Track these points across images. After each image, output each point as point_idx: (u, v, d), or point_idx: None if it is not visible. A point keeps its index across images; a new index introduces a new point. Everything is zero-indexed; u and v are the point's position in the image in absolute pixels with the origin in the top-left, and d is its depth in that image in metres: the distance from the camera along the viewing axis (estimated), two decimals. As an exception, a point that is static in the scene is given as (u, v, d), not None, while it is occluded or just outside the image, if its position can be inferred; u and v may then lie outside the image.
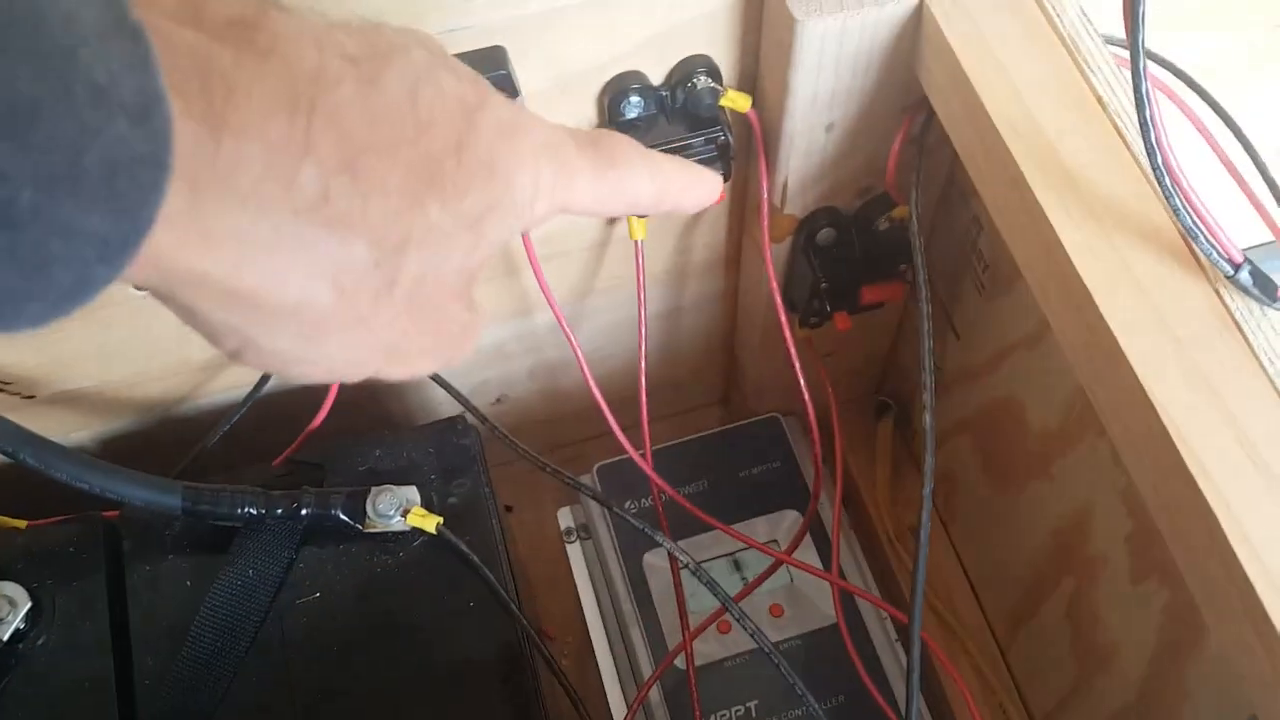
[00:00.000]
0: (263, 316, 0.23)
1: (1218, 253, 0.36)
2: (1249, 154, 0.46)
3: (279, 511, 0.51)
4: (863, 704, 0.63)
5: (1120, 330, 0.37)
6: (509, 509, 0.77)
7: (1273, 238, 0.40)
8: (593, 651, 0.70)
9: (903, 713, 0.63)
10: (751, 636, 0.53)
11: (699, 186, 0.35)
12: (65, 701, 0.49)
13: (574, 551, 0.74)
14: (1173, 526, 0.38)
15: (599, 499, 0.62)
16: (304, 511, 0.51)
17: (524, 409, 0.74)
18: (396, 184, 0.24)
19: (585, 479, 0.73)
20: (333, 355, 0.26)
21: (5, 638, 0.49)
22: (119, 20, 0.18)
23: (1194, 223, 0.35)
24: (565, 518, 0.75)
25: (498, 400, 0.71)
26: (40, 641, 0.50)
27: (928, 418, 0.41)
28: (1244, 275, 0.36)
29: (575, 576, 0.73)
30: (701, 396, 0.81)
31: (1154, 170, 0.35)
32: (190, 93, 0.20)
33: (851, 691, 0.64)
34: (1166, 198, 0.35)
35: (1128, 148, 0.40)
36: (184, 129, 0.20)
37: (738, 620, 0.53)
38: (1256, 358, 0.36)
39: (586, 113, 0.49)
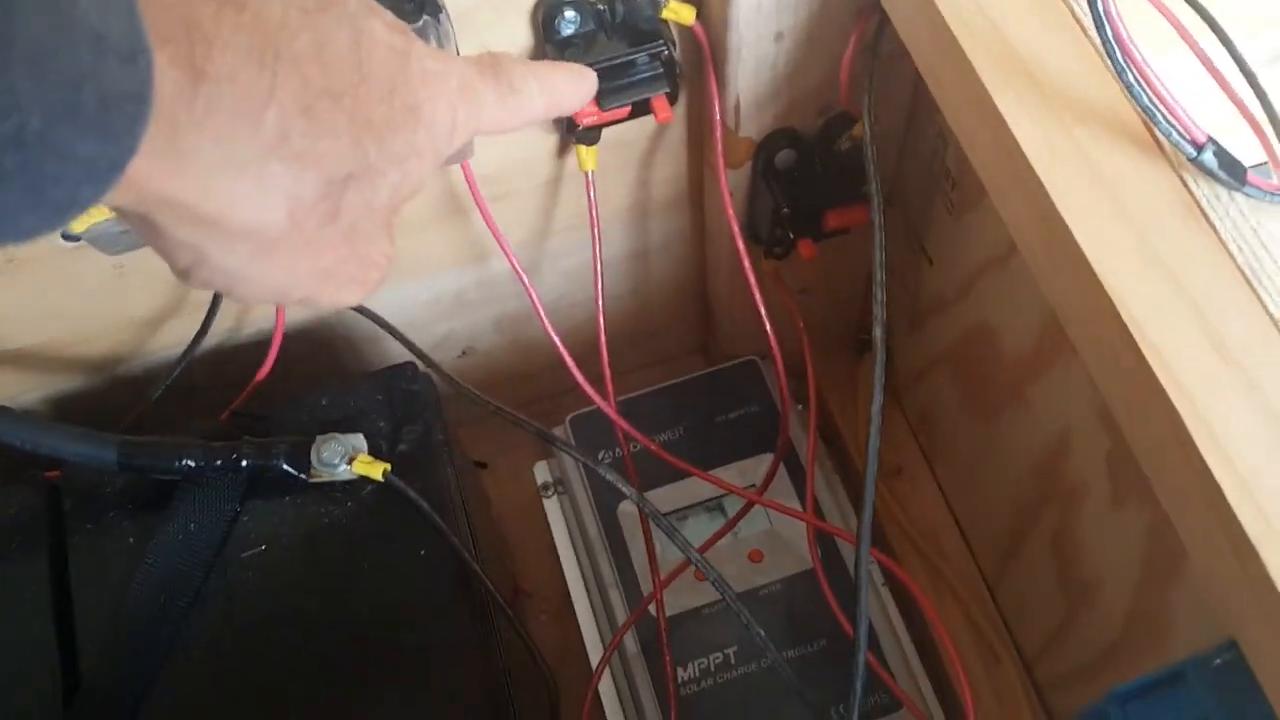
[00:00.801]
0: (220, 237, 0.27)
1: (1178, 132, 0.33)
2: (1236, 63, 0.43)
3: (219, 463, 0.49)
4: (844, 648, 0.61)
5: (1077, 225, 0.35)
6: (483, 465, 0.75)
7: (1266, 158, 0.37)
8: (571, 605, 0.68)
9: (884, 657, 0.61)
10: (713, 584, 0.51)
11: (578, 86, 0.38)
12: (6, 662, 0.47)
13: (551, 506, 0.72)
14: (1140, 435, 0.35)
15: (569, 450, 0.60)
16: (245, 463, 0.49)
17: (492, 363, 0.71)
18: (344, 126, 0.27)
19: (558, 431, 0.71)
20: (275, 275, 0.29)
21: (-58, 601, 0.47)
22: None
23: (1150, 101, 0.32)
24: (541, 472, 0.73)
25: (464, 353, 0.69)
26: (-21, 604, 0.48)
27: (877, 331, 0.39)
28: (1207, 157, 0.33)
29: (553, 531, 0.71)
30: (679, 344, 0.79)
31: (1104, 44, 0.32)
32: (175, 42, 0.23)
33: (832, 635, 0.62)
34: (1119, 74, 0.33)
35: (1085, 34, 0.37)
36: (167, 75, 0.23)
37: (699, 567, 0.51)
38: (1224, 246, 0.34)
39: (520, 32, 0.46)
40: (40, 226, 0.22)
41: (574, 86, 0.38)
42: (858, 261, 0.65)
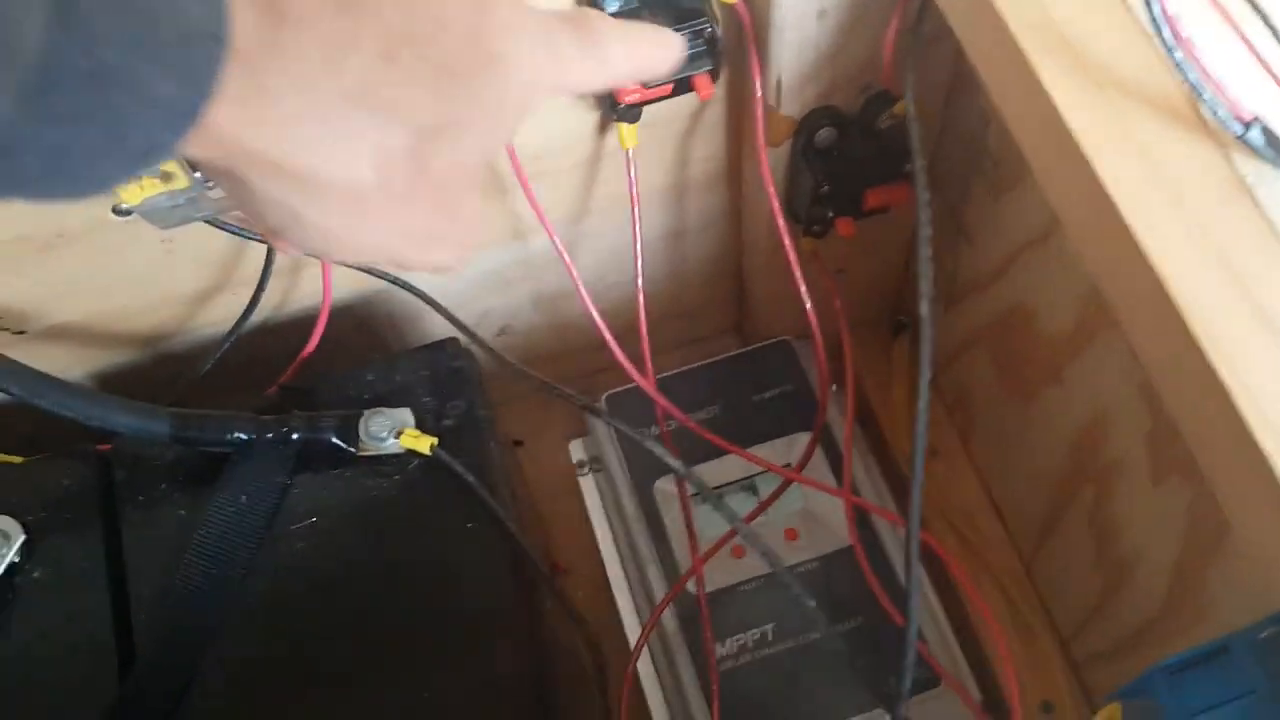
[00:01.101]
0: (309, 193, 0.26)
1: (1224, 109, 0.33)
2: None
3: (269, 436, 0.50)
4: (881, 625, 0.61)
5: (1125, 203, 0.35)
6: (519, 444, 0.76)
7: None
8: (609, 585, 0.69)
9: (922, 634, 0.61)
10: (762, 556, 0.52)
11: (667, 51, 0.36)
12: (62, 634, 0.49)
13: (586, 484, 0.73)
14: (1187, 411, 0.35)
15: (614, 423, 0.61)
16: (295, 436, 0.50)
17: (530, 341, 0.72)
18: (428, 75, 0.26)
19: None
20: (366, 234, 0.28)
21: (0, 571, 0.49)
22: None
23: (1197, 78, 0.32)
24: (577, 450, 0.74)
25: (501, 331, 0.70)
26: (35, 575, 0.49)
27: (924, 307, 0.39)
28: (1254, 134, 0.34)
29: (588, 509, 0.72)
30: (712, 325, 0.79)
31: (1151, 21, 0.32)
32: None
33: (869, 613, 0.62)
34: (1169, 51, 0.33)
35: (1130, 11, 0.37)
36: (247, 17, 0.22)
37: (746, 540, 0.51)
38: (1270, 223, 0.34)
39: (565, 5, 0.47)
40: (119, 173, 0.22)
41: (662, 51, 0.35)
42: (894, 241, 0.65)
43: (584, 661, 0.56)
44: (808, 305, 0.55)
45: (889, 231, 0.63)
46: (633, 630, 0.67)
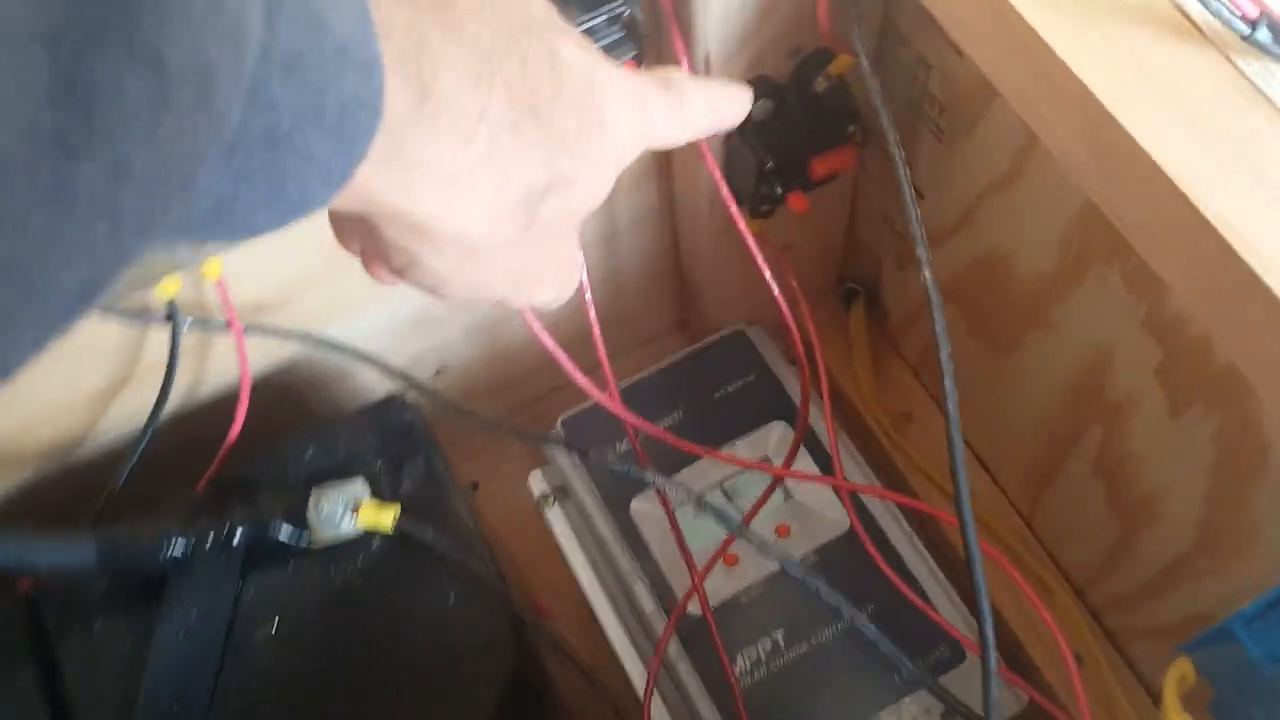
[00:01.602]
0: (430, 240, 0.29)
1: (1229, 10, 0.30)
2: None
3: (209, 542, 0.44)
4: (895, 607, 0.58)
5: (1134, 125, 0.32)
6: (474, 487, 0.71)
7: None
8: (597, 619, 0.64)
9: (936, 609, 0.58)
10: (775, 558, 0.48)
11: (740, 101, 0.38)
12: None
13: (554, 516, 0.68)
14: (1232, 328, 0.32)
15: (572, 447, 0.57)
16: (238, 534, 0.44)
17: (470, 376, 0.67)
18: (541, 141, 0.29)
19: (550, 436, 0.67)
20: (476, 277, 0.31)
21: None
22: None
23: (1202, -24, 0.29)
24: (537, 482, 0.69)
25: (438, 371, 0.65)
26: (-33, 744, 0.43)
27: (926, 274, 0.35)
28: (1261, 33, 0.31)
29: (560, 542, 0.67)
30: (656, 324, 0.75)
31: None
32: (408, 62, 0.25)
33: (881, 597, 0.59)
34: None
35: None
36: (399, 91, 0.25)
37: (753, 545, 0.47)
38: (1297, 123, 0.31)
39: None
40: (272, 224, 0.24)
41: (737, 102, 0.38)
42: (836, 209, 0.62)
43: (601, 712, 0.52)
44: (775, 291, 0.51)
45: (829, 199, 0.60)
46: (631, 662, 0.62)
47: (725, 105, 0.38)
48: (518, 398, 0.71)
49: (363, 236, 0.30)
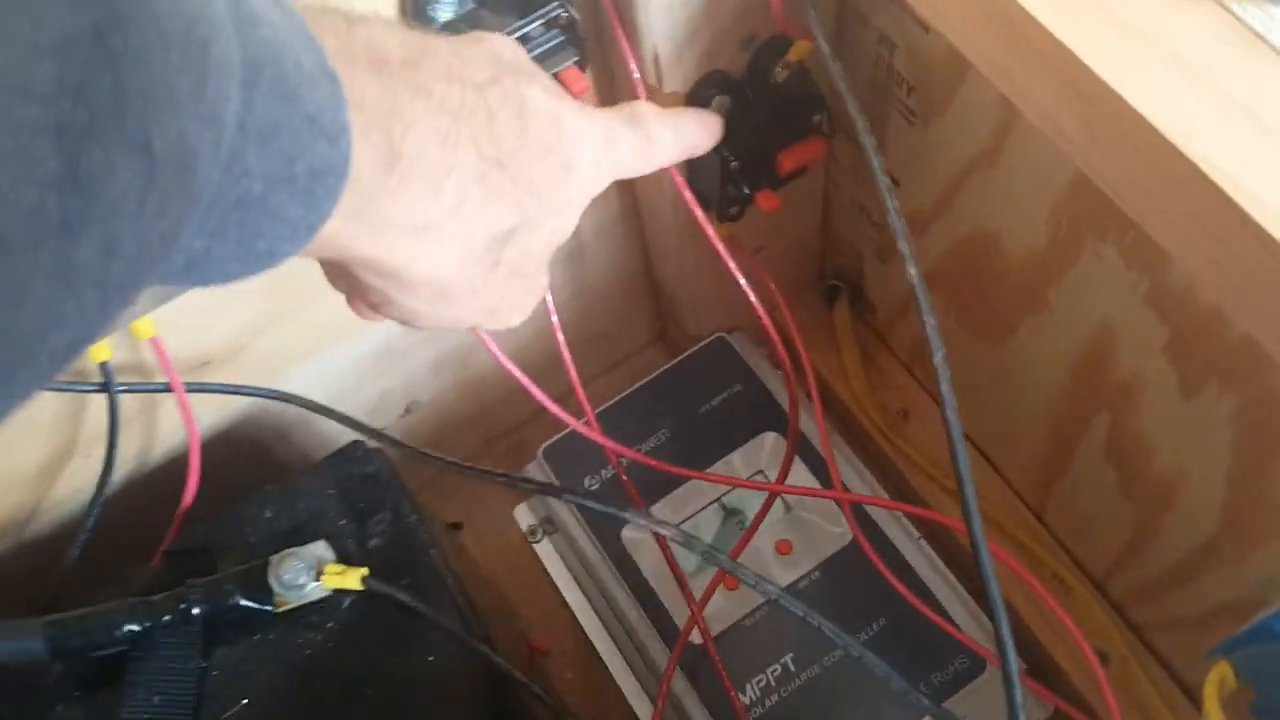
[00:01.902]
0: (402, 284, 0.30)
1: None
2: None
3: (166, 619, 0.41)
4: (907, 619, 0.55)
5: (1119, 79, 0.29)
6: (457, 526, 0.67)
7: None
8: (597, 654, 0.61)
9: (951, 619, 0.55)
10: (765, 594, 0.44)
11: (708, 130, 0.40)
12: None
13: (544, 550, 0.65)
14: (1249, 304, 0.29)
15: (550, 489, 0.53)
16: (195, 610, 0.41)
17: (442, 411, 0.64)
18: (508, 189, 0.30)
19: (531, 468, 0.63)
20: (449, 313, 0.33)
21: None
22: (322, 66, 0.24)
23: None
24: (524, 516, 0.66)
25: (407, 410, 0.62)
26: None
27: (912, 270, 0.32)
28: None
29: (554, 577, 0.64)
30: (634, 340, 0.72)
31: None
32: (379, 128, 0.27)
33: (892, 610, 0.56)
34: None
35: None
36: (369, 156, 0.26)
37: (743, 578, 0.44)
38: (1301, 68, 0.28)
39: (385, 11, 0.39)
40: (242, 273, 0.25)
41: (704, 132, 0.40)
42: (808, 204, 0.59)
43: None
44: (749, 293, 0.48)
45: (800, 194, 0.57)
46: (635, 695, 0.59)
47: (692, 136, 0.40)
48: (495, 426, 0.68)
49: (341, 277, 0.32)
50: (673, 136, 0.38)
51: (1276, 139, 0.28)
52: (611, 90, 0.48)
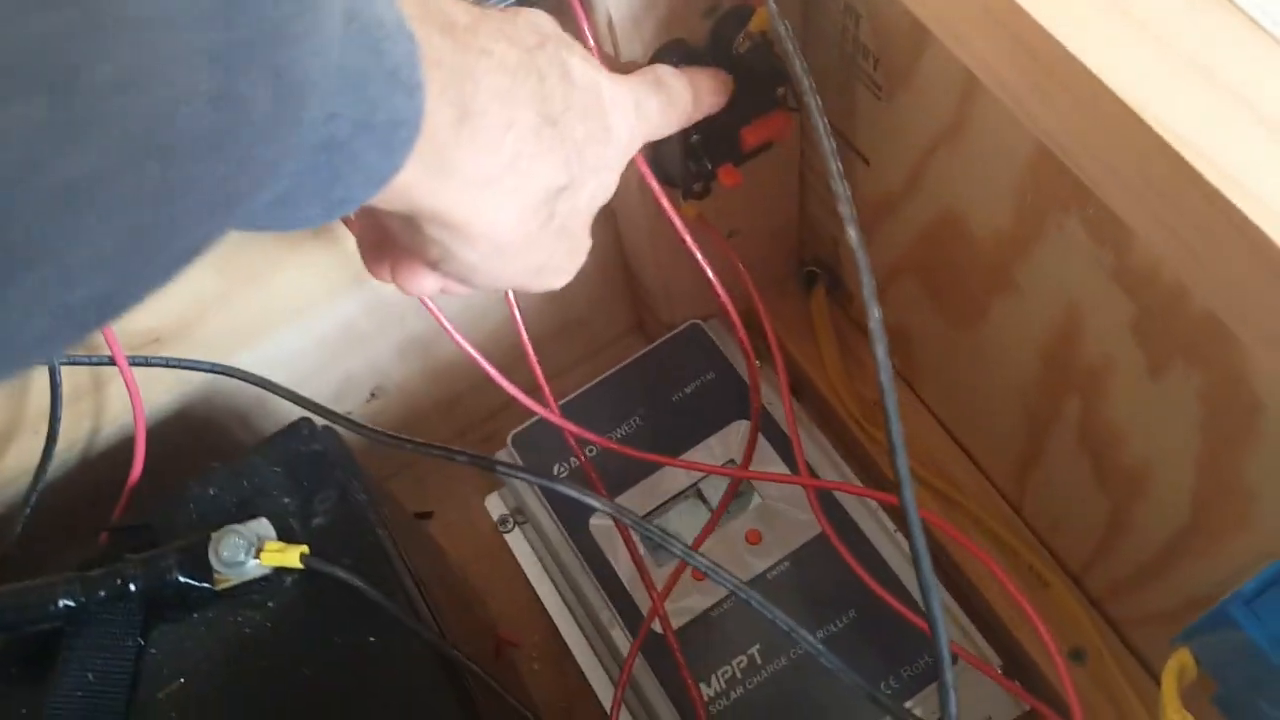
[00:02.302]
0: (463, 237, 0.31)
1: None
2: None
3: (102, 595, 0.40)
4: (877, 613, 0.54)
5: (1071, 38, 0.28)
6: (426, 516, 0.66)
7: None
8: (567, 646, 0.60)
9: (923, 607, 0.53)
10: (712, 577, 0.43)
11: (721, 89, 0.43)
12: None
13: (514, 540, 0.64)
14: (1210, 278, 0.28)
15: (514, 473, 0.52)
16: (132, 586, 0.40)
17: (409, 397, 0.63)
18: (558, 146, 0.32)
19: (501, 455, 0.62)
20: (502, 268, 0.34)
21: None
22: (401, 25, 0.26)
23: None
24: (495, 506, 0.65)
25: (373, 394, 0.61)
26: None
27: (852, 233, 0.31)
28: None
29: (524, 567, 0.63)
30: (611, 328, 0.71)
31: None
32: (453, 86, 0.28)
33: (861, 603, 0.54)
34: None
35: None
36: (444, 111, 0.28)
37: (703, 567, 0.43)
38: (1255, 22, 0.27)
39: None
40: (319, 218, 0.27)
41: (718, 91, 0.42)
42: (783, 185, 0.58)
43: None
44: (709, 274, 0.47)
45: (774, 175, 0.55)
46: (601, 686, 0.58)
47: (709, 94, 0.42)
48: (465, 416, 0.67)
49: (401, 236, 0.33)
50: (692, 96, 0.40)
51: (1233, 100, 0.27)
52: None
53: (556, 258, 0.36)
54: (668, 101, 0.38)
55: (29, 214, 0.16)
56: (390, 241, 0.35)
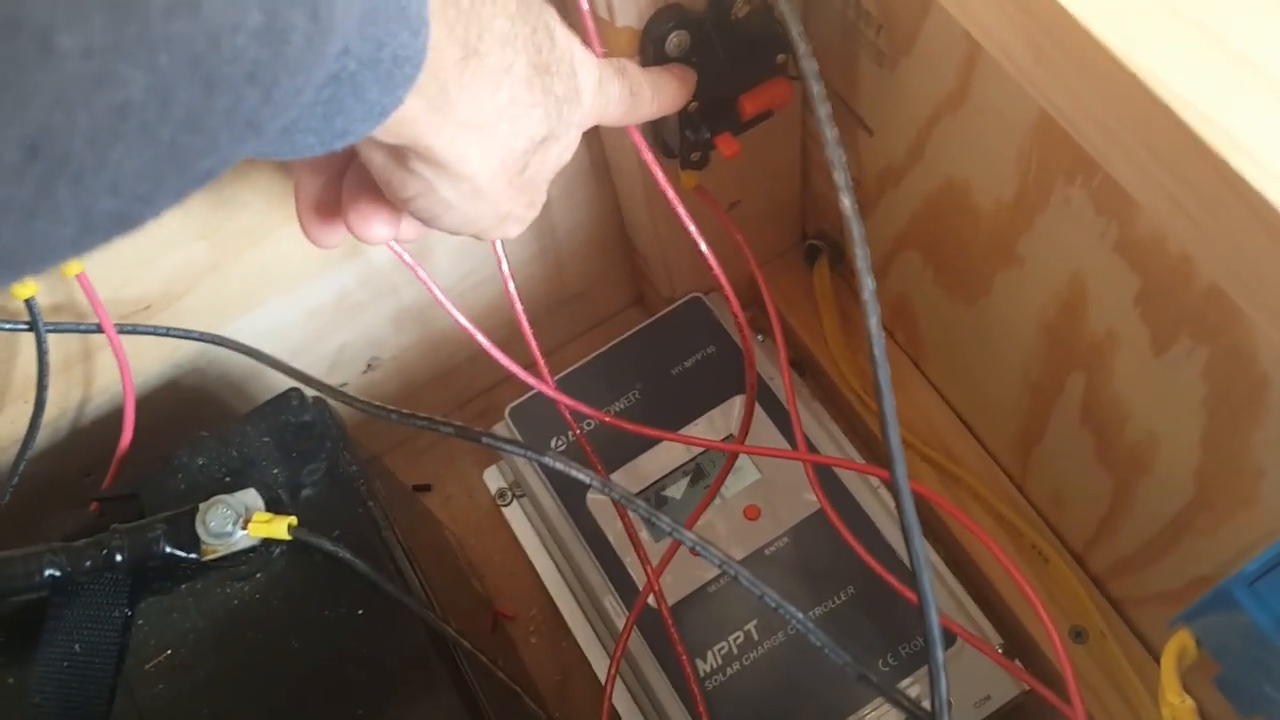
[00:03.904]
0: (448, 175, 0.32)
1: None
2: None
3: (88, 565, 0.40)
4: (875, 590, 0.53)
5: (1079, 9, 0.26)
6: (425, 489, 0.66)
7: None
8: (563, 620, 0.60)
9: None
10: (700, 552, 0.42)
11: (683, 88, 0.44)
12: None
13: (512, 514, 0.64)
14: (1215, 249, 0.27)
15: (505, 445, 0.52)
16: (119, 556, 0.40)
17: (406, 368, 0.62)
18: (542, 98, 0.33)
19: (498, 428, 0.62)
20: (474, 212, 0.34)
21: None
22: None
23: None
24: (494, 479, 0.65)
25: (369, 366, 0.60)
26: None
27: (846, 202, 0.30)
28: None
29: (521, 540, 0.63)
30: (611, 302, 0.70)
31: None
32: (460, 25, 0.29)
33: (860, 579, 0.54)
34: None
35: None
36: (449, 50, 0.29)
37: (691, 543, 0.42)
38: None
39: None
40: (317, 149, 0.28)
41: (681, 90, 0.43)
42: (785, 155, 0.57)
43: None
44: (703, 246, 0.46)
45: (774, 145, 0.54)
46: (598, 661, 0.58)
47: (669, 90, 0.43)
48: (464, 390, 0.66)
49: (382, 172, 0.33)
50: (651, 94, 0.41)
51: (1243, 66, 0.26)
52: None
53: (519, 208, 0.36)
54: (628, 91, 0.40)
55: (84, 131, 0.16)
56: (348, 190, 0.36)
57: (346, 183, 0.36)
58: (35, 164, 0.16)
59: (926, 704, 0.37)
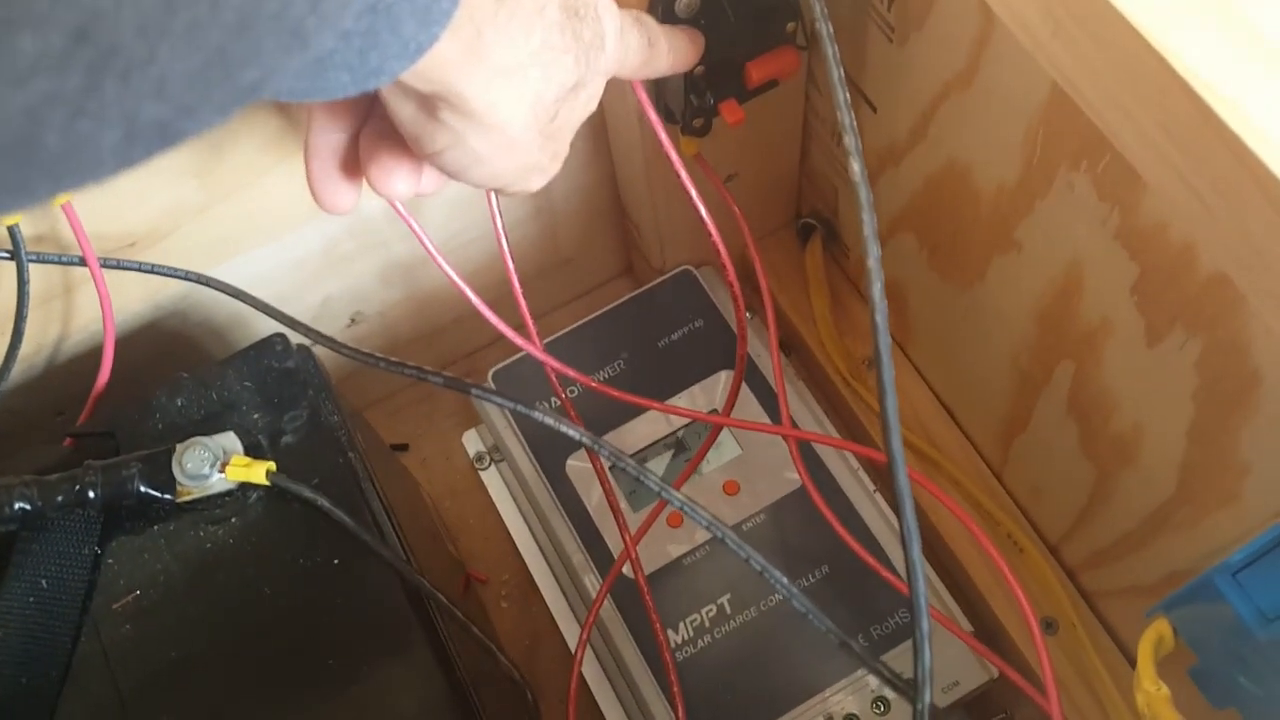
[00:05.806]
0: (480, 125, 0.32)
1: None
2: None
3: (60, 500, 0.39)
4: (850, 569, 0.53)
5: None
6: (402, 448, 0.65)
7: None
8: (535, 585, 0.59)
9: (896, 571, 0.53)
10: (687, 513, 0.42)
11: (694, 48, 0.43)
12: None
13: (490, 477, 0.63)
14: (1224, 236, 0.27)
15: (492, 398, 0.51)
16: (92, 493, 0.39)
17: (390, 325, 0.61)
18: (573, 45, 0.33)
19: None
20: (502, 162, 0.34)
21: None
22: None
23: None
24: (472, 442, 0.64)
25: (353, 320, 0.59)
26: None
27: (855, 166, 0.30)
28: None
29: (497, 504, 0.62)
30: (601, 269, 0.69)
31: None
32: None
33: (835, 558, 0.54)
34: None
35: None
36: None
37: (678, 503, 0.42)
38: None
39: None
40: (350, 87, 0.27)
41: (691, 49, 0.43)
42: (785, 130, 0.56)
43: (517, 690, 0.46)
44: (704, 213, 0.45)
45: (777, 118, 0.54)
46: (569, 628, 0.58)
47: (686, 51, 0.43)
48: (447, 350, 0.66)
49: (409, 124, 0.32)
50: (668, 47, 0.41)
51: (1265, 47, 0.26)
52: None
53: (544, 159, 0.36)
54: (646, 41, 0.39)
55: (132, 21, 0.16)
56: (367, 144, 0.35)
57: (365, 137, 0.35)
58: (83, 49, 0.16)
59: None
